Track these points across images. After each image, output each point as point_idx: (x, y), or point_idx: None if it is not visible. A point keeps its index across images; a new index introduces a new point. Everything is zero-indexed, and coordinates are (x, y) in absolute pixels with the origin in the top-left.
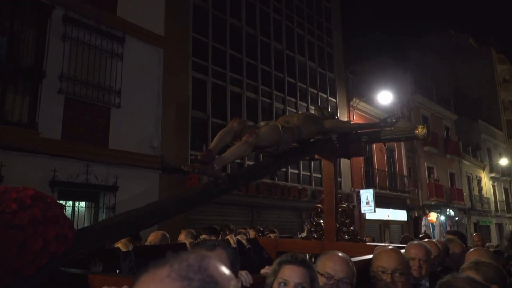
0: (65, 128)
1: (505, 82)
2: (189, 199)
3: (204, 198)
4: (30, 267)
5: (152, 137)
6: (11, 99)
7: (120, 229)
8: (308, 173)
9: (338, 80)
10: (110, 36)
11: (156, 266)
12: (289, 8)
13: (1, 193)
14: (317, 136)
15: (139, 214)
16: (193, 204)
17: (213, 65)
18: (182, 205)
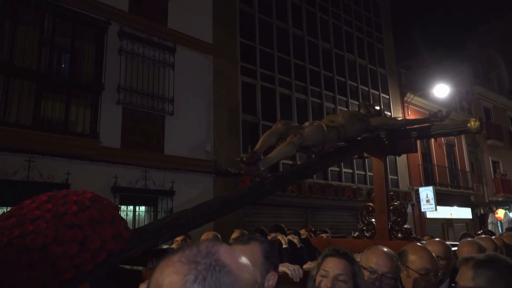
0: (123, 137)
1: None
2: (236, 200)
3: (250, 198)
4: (89, 263)
5: (205, 142)
6: (74, 111)
7: (170, 229)
8: (363, 172)
9: (390, 76)
10: (162, 47)
11: (172, 252)
12: (335, 6)
13: (63, 196)
14: (364, 134)
15: (188, 215)
16: (240, 205)
17: (261, 69)
18: (228, 206)
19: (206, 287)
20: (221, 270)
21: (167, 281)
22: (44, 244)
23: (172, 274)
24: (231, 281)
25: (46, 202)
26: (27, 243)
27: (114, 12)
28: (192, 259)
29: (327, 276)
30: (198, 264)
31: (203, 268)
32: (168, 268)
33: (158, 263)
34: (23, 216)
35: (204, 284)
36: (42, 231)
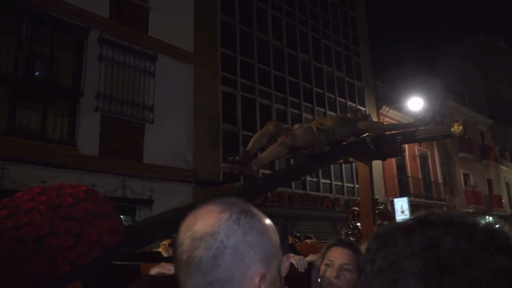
0: (102, 144)
1: None
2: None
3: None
4: (85, 257)
5: (185, 151)
6: (51, 117)
7: (164, 226)
8: (340, 183)
9: (366, 89)
10: (142, 55)
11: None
12: (314, 19)
13: (57, 188)
14: (351, 138)
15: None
16: None
17: (242, 79)
18: None
19: (240, 226)
20: (253, 216)
21: (201, 221)
22: (38, 236)
23: (207, 213)
24: (262, 229)
25: (39, 194)
26: (21, 235)
27: (95, 19)
28: (227, 203)
29: (333, 265)
30: (233, 206)
31: (237, 210)
32: (201, 210)
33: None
34: (16, 208)
35: (238, 223)
36: (37, 223)
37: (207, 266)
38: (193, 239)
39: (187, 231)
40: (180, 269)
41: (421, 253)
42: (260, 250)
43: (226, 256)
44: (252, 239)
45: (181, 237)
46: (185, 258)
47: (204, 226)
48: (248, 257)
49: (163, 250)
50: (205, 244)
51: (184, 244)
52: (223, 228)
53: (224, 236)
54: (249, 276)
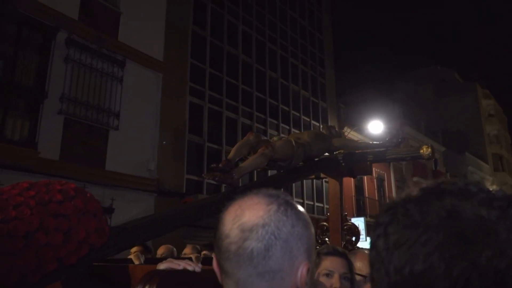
0: (63, 149)
1: (490, 116)
2: (211, 206)
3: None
4: (72, 256)
5: (149, 160)
6: (12, 118)
7: (148, 230)
8: (301, 200)
9: (330, 109)
10: (111, 60)
11: (242, 195)
12: (284, 38)
13: (46, 184)
14: (325, 154)
15: (165, 217)
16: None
17: (210, 91)
18: (204, 211)
19: (288, 218)
20: (297, 208)
21: (249, 212)
22: (27, 232)
23: (254, 205)
24: (306, 221)
25: (28, 189)
26: (10, 229)
27: (63, 19)
28: (271, 194)
29: (332, 275)
30: (277, 198)
31: (282, 202)
32: (247, 202)
33: (226, 206)
34: (5, 201)
35: (286, 215)
36: (26, 218)
37: (259, 257)
38: (242, 230)
39: (235, 222)
40: (228, 260)
41: (440, 224)
42: (305, 241)
43: (277, 247)
44: (299, 230)
45: (227, 228)
46: (235, 249)
47: (254, 217)
48: (295, 248)
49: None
50: (256, 235)
51: (231, 235)
52: (273, 220)
53: (275, 228)
54: (296, 266)
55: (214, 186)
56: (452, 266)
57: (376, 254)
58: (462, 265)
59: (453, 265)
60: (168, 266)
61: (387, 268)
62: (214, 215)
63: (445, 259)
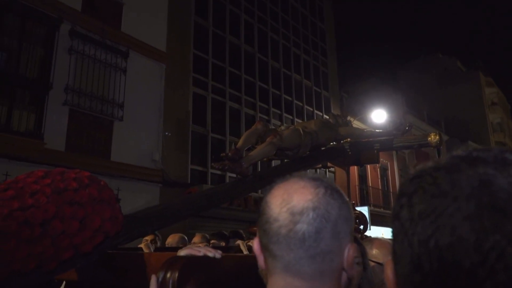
0: (69, 140)
1: (493, 104)
2: (220, 195)
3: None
4: (87, 244)
5: (153, 150)
6: (18, 109)
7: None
8: None
9: (332, 99)
10: (114, 51)
11: (283, 179)
12: (285, 28)
13: (60, 172)
14: (332, 143)
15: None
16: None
17: (213, 81)
18: (213, 201)
19: (336, 200)
20: (340, 191)
21: (298, 196)
22: (44, 219)
23: (302, 188)
24: (349, 204)
25: (43, 177)
26: (28, 217)
27: (67, 11)
28: (315, 178)
29: None
30: (322, 182)
31: (327, 185)
32: (293, 185)
33: (269, 189)
34: (20, 189)
35: (333, 197)
36: (43, 206)
37: (310, 240)
38: (292, 214)
39: (283, 205)
40: (277, 243)
41: (471, 194)
42: (350, 224)
43: (327, 230)
44: (345, 213)
45: (275, 211)
46: (285, 233)
47: (303, 201)
48: (342, 231)
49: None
50: (307, 219)
51: (281, 219)
52: (322, 203)
53: (324, 211)
54: (343, 248)
55: (218, 176)
56: (483, 239)
57: (399, 225)
58: (494, 238)
59: (484, 238)
60: (188, 252)
61: (411, 240)
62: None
63: (475, 231)
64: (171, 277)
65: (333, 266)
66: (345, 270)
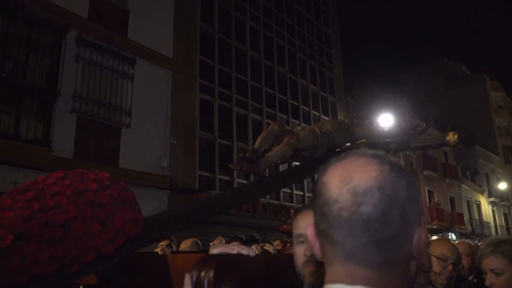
0: (77, 147)
1: (499, 108)
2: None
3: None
4: (109, 246)
5: (161, 157)
6: (26, 117)
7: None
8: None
9: (339, 104)
10: (121, 57)
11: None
12: (291, 33)
13: (80, 173)
14: (347, 143)
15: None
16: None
17: (219, 87)
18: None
19: (403, 179)
20: (406, 170)
21: (360, 174)
22: (66, 221)
23: (364, 166)
24: (415, 182)
25: (63, 178)
26: (49, 218)
27: (73, 18)
28: (375, 154)
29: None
30: (385, 158)
31: (392, 162)
32: (353, 163)
33: (325, 169)
34: (41, 191)
35: (400, 176)
36: (63, 207)
37: (376, 223)
38: (354, 194)
39: (343, 185)
40: (338, 228)
41: None
42: (418, 205)
43: (394, 212)
44: (413, 193)
45: (334, 192)
46: (347, 216)
47: (366, 179)
48: (410, 213)
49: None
50: (372, 199)
51: (341, 200)
52: (388, 182)
53: (391, 190)
54: (411, 232)
55: (226, 182)
56: None
57: None
58: None
59: None
60: (221, 250)
61: None
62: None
63: None
64: (206, 275)
65: (402, 253)
66: (415, 257)
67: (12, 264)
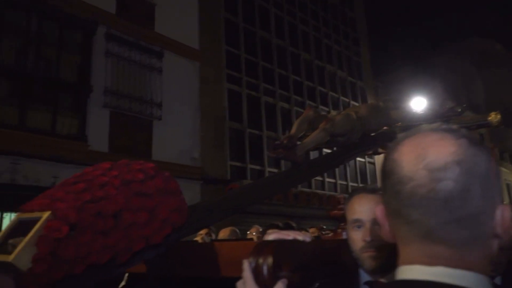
0: (111, 141)
1: None
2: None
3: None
4: (157, 235)
5: (192, 148)
6: (62, 113)
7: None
8: (345, 182)
9: (367, 89)
10: (149, 51)
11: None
12: (315, 18)
13: (126, 164)
14: (383, 127)
15: (235, 196)
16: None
17: (246, 77)
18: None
19: (482, 152)
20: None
21: (436, 149)
22: (116, 211)
23: (438, 141)
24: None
25: (110, 169)
26: (100, 209)
27: (102, 14)
28: (448, 129)
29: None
30: (459, 132)
31: (468, 135)
32: (426, 139)
33: (395, 147)
34: (90, 182)
35: (478, 148)
36: (113, 197)
37: (456, 200)
38: (431, 170)
39: (418, 162)
40: (414, 206)
41: None
42: (499, 180)
43: (476, 187)
44: (493, 168)
45: (408, 169)
46: (424, 193)
47: (444, 154)
48: (492, 188)
49: (200, 239)
50: (451, 175)
51: (417, 177)
52: (469, 155)
53: (472, 164)
54: (494, 209)
55: (258, 172)
56: None
57: None
58: None
59: None
60: (277, 236)
61: None
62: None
63: None
64: (265, 262)
65: (484, 230)
66: (498, 235)
67: (68, 254)
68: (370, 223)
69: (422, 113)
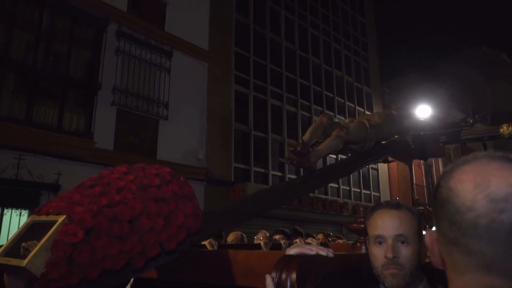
0: (117, 139)
1: None
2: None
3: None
4: (172, 241)
5: (197, 148)
6: (69, 110)
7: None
8: (347, 187)
9: (374, 95)
10: (158, 50)
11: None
12: (325, 23)
13: (142, 168)
14: (395, 136)
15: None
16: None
17: (254, 79)
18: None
19: None
20: None
21: (498, 179)
22: (132, 216)
23: (498, 171)
24: None
25: (126, 173)
26: (116, 213)
27: (113, 11)
28: (504, 157)
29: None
30: None
31: None
32: (485, 168)
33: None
34: (107, 185)
35: None
36: (130, 202)
37: None
38: (493, 201)
39: (478, 192)
40: (473, 237)
41: None
42: None
43: None
44: None
45: (467, 199)
46: (486, 224)
47: (505, 185)
48: None
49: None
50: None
51: (477, 207)
52: None
53: None
54: None
55: (262, 175)
56: None
57: None
58: None
59: None
60: (299, 251)
61: None
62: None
63: None
64: (289, 277)
65: None
66: None
67: (84, 258)
68: (392, 240)
69: (434, 122)
